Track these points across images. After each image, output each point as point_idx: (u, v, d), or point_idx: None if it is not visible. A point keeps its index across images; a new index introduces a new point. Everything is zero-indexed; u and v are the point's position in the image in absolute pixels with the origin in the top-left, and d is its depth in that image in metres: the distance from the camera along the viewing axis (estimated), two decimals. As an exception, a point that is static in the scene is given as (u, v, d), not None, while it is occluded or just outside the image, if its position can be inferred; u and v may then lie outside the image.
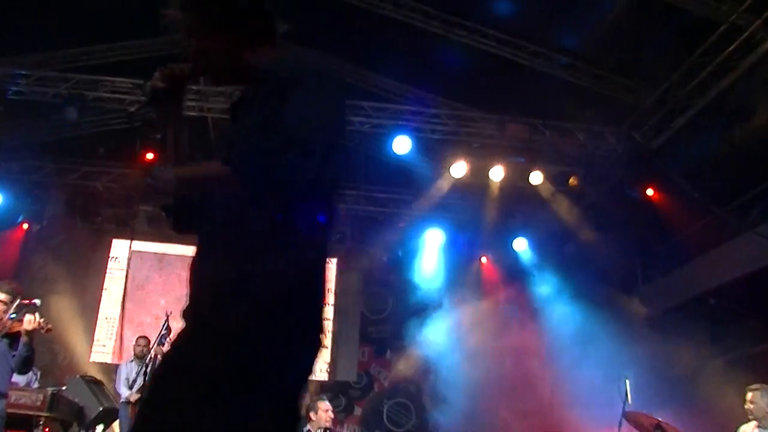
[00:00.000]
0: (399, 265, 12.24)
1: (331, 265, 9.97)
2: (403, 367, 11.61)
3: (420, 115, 9.73)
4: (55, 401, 6.83)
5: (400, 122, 9.68)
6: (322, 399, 7.44)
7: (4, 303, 5.56)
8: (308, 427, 7.11)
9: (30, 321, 5.51)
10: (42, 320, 5.60)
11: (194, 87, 9.01)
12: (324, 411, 7.16)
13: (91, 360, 11.42)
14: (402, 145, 9.64)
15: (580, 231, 10.16)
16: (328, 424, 7.12)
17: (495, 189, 10.35)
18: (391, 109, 9.79)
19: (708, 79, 8.15)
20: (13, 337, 5.53)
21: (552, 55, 9.04)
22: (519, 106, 9.36)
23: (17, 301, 5.63)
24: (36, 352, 5.74)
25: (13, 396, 6.24)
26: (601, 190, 10.03)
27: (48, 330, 5.69)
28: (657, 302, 9.59)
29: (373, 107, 9.70)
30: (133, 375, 8.02)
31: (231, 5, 2.24)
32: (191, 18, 2.25)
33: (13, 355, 5.54)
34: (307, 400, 8.43)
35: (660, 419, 5.91)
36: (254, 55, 2.22)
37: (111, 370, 9.12)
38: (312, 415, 7.13)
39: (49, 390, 7.09)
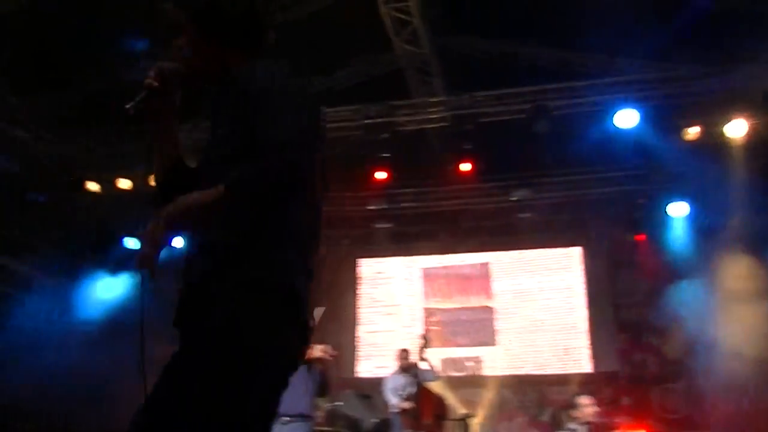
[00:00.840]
0: (645, 244, 11.68)
1: (576, 254, 9.82)
2: (666, 349, 11.04)
3: (634, 84, 9.28)
4: (334, 416, 7.39)
5: (617, 96, 9.28)
6: (581, 396, 7.50)
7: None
8: (572, 425, 7.16)
9: (319, 349, 6.00)
10: (329, 347, 6.07)
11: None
12: (585, 406, 7.18)
13: (356, 375, 12.28)
14: (626, 118, 9.24)
15: None
16: (591, 419, 7.12)
17: (737, 147, 9.52)
18: (601, 83, 9.44)
19: None
20: (310, 362, 6.00)
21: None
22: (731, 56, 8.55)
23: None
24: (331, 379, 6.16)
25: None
26: None
27: (333, 356, 6.15)
28: None
29: (586, 86, 9.46)
30: (401, 384, 8.47)
31: (228, 10, 2.30)
32: (188, 16, 2.31)
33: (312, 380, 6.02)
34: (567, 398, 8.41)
35: None
36: (235, 62, 2.27)
37: (371, 383, 9.73)
38: (573, 413, 7.21)
39: (327, 405, 7.69)
